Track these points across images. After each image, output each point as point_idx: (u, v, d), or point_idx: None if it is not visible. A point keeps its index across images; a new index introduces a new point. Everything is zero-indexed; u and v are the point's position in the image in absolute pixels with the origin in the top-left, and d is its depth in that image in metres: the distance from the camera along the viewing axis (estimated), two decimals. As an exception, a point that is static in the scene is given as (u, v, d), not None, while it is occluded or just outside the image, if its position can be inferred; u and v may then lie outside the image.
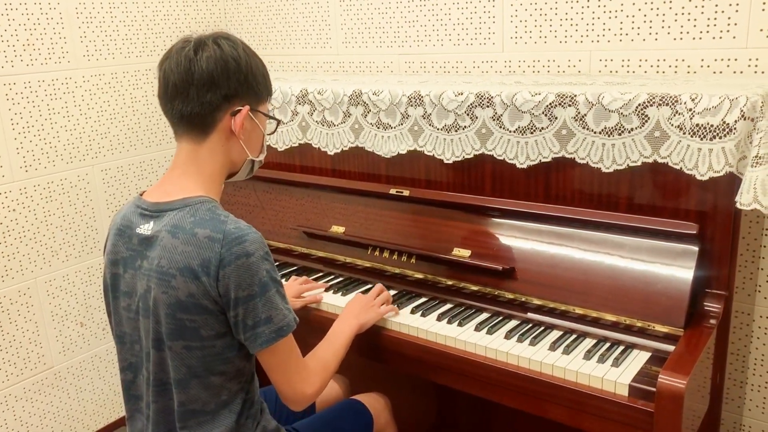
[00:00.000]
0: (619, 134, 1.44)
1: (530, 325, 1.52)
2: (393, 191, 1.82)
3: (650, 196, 1.47)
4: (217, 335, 1.23)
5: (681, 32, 1.71)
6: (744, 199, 1.29)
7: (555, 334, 1.47)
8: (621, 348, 1.40)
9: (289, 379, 1.27)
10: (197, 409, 1.26)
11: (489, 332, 1.49)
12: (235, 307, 1.20)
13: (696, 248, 1.39)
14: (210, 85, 1.24)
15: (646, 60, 1.78)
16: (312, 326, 1.65)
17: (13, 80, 2.09)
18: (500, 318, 1.56)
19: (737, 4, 1.62)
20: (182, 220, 1.22)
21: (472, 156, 1.66)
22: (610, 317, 1.44)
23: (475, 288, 1.63)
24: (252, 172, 1.40)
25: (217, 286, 1.18)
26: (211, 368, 1.24)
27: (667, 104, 1.37)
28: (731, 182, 1.35)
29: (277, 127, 1.46)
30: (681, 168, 1.38)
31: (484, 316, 1.58)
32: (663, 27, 1.74)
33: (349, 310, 1.54)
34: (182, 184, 1.28)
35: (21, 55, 2.10)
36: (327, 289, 1.77)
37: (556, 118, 1.50)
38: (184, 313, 1.20)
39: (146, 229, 1.26)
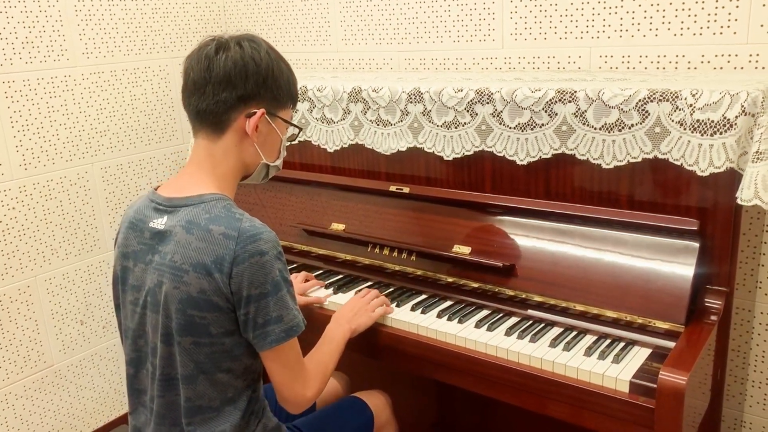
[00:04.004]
0: (620, 130, 1.43)
1: (530, 322, 1.51)
2: (393, 188, 1.81)
3: (651, 193, 1.47)
4: (226, 333, 1.23)
5: (681, 28, 1.71)
6: (745, 195, 1.29)
7: (555, 330, 1.47)
8: (622, 345, 1.39)
9: (290, 381, 1.27)
10: (204, 405, 1.26)
11: (489, 329, 1.49)
12: (246, 305, 1.20)
13: (697, 244, 1.39)
14: (226, 84, 1.25)
15: (646, 56, 1.77)
16: (314, 324, 1.65)
17: (12, 78, 2.08)
18: (500, 315, 1.55)
19: (738, 0, 1.61)
20: (197, 216, 1.23)
21: (472, 153, 1.66)
22: (611, 314, 1.43)
23: (475, 285, 1.62)
24: (267, 176, 1.40)
25: (229, 284, 1.19)
26: (218, 365, 1.24)
27: (668, 100, 1.36)
28: (732, 178, 1.35)
29: (298, 134, 1.45)
30: (681, 164, 1.38)
31: (485, 313, 1.57)
32: (663, 23, 1.73)
33: (342, 314, 1.53)
34: (196, 181, 1.29)
35: (20, 53, 2.10)
36: (327, 287, 1.77)
37: (556, 114, 1.50)
38: (195, 309, 1.20)
39: (159, 223, 1.26)
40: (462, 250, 1.64)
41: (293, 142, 2.02)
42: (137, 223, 1.30)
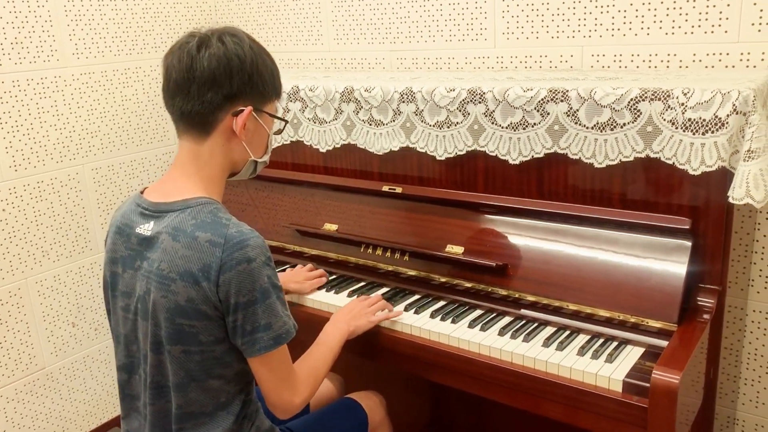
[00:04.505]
0: (612, 129, 1.43)
1: (524, 321, 1.51)
2: (386, 188, 1.81)
3: (643, 192, 1.47)
4: (216, 341, 1.21)
5: (673, 27, 1.71)
6: (736, 194, 1.29)
7: (549, 330, 1.47)
8: (615, 344, 1.39)
9: (278, 388, 1.25)
10: (195, 411, 1.25)
11: (482, 329, 1.49)
12: (235, 313, 1.18)
13: (689, 243, 1.39)
14: (211, 83, 1.21)
15: (638, 55, 1.78)
16: (303, 325, 1.64)
17: (1, 79, 2.06)
18: (494, 315, 1.55)
19: (729, -1, 1.62)
20: (183, 222, 1.20)
21: (464, 152, 1.66)
22: (604, 313, 1.43)
23: (468, 285, 1.62)
24: (255, 172, 1.37)
25: (217, 292, 1.17)
26: (209, 372, 1.23)
27: (660, 99, 1.37)
28: (724, 177, 1.35)
29: (284, 128, 1.43)
30: (673, 163, 1.38)
31: (478, 312, 1.57)
32: (655, 22, 1.73)
33: (342, 315, 1.51)
34: (182, 184, 1.26)
35: (9, 53, 2.08)
36: (320, 287, 1.76)
37: (549, 113, 1.50)
38: (184, 318, 1.18)
39: (146, 229, 1.24)
40: (455, 249, 1.64)
41: (280, 135, 2.01)
42: (124, 228, 1.28)
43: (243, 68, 1.22)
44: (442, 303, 1.63)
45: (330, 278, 1.82)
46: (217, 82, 1.21)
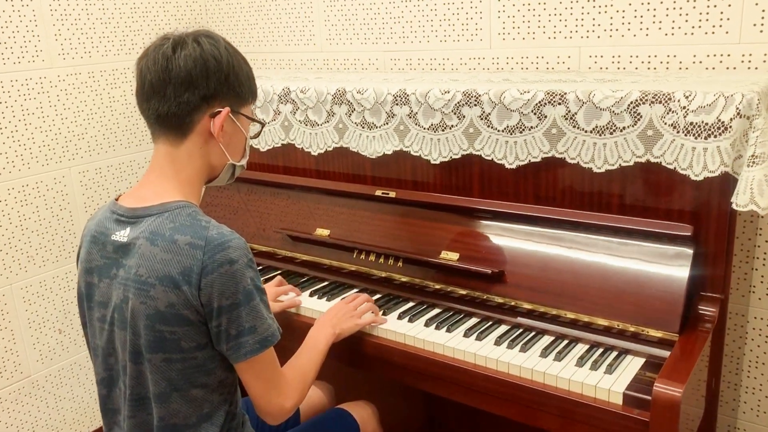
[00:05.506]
0: (611, 133, 1.39)
1: (520, 330, 1.47)
2: (379, 193, 1.77)
3: (643, 197, 1.43)
4: (198, 347, 1.17)
5: (672, 27, 1.67)
6: (740, 200, 1.25)
7: (546, 339, 1.43)
8: (614, 354, 1.35)
9: (267, 392, 1.23)
10: (178, 423, 1.21)
11: (478, 338, 1.45)
12: (218, 317, 1.15)
13: (691, 250, 1.35)
14: (188, 84, 1.18)
15: (637, 56, 1.74)
16: (296, 333, 1.60)
17: (-16, 80, 2.02)
18: (490, 323, 1.51)
19: (730, -1, 1.58)
20: (161, 226, 1.17)
21: (459, 156, 1.61)
22: (603, 322, 1.39)
23: (463, 292, 1.58)
24: (233, 177, 1.34)
25: (199, 296, 1.13)
26: (192, 380, 1.19)
27: (660, 102, 1.33)
28: (726, 182, 1.31)
29: (261, 131, 1.41)
30: (675, 168, 1.34)
31: (473, 321, 1.53)
32: (654, 22, 1.69)
33: (327, 318, 1.49)
34: (159, 189, 1.23)
35: (-8, 53, 2.03)
36: (312, 294, 1.72)
37: (546, 116, 1.46)
38: (164, 324, 1.15)
39: (122, 235, 1.20)
40: (450, 256, 1.60)
41: (265, 139, 1.98)
42: (99, 237, 1.24)
43: (220, 68, 1.21)
44: (436, 311, 1.59)
45: (322, 285, 1.77)
46: (193, 82, 1.19)
